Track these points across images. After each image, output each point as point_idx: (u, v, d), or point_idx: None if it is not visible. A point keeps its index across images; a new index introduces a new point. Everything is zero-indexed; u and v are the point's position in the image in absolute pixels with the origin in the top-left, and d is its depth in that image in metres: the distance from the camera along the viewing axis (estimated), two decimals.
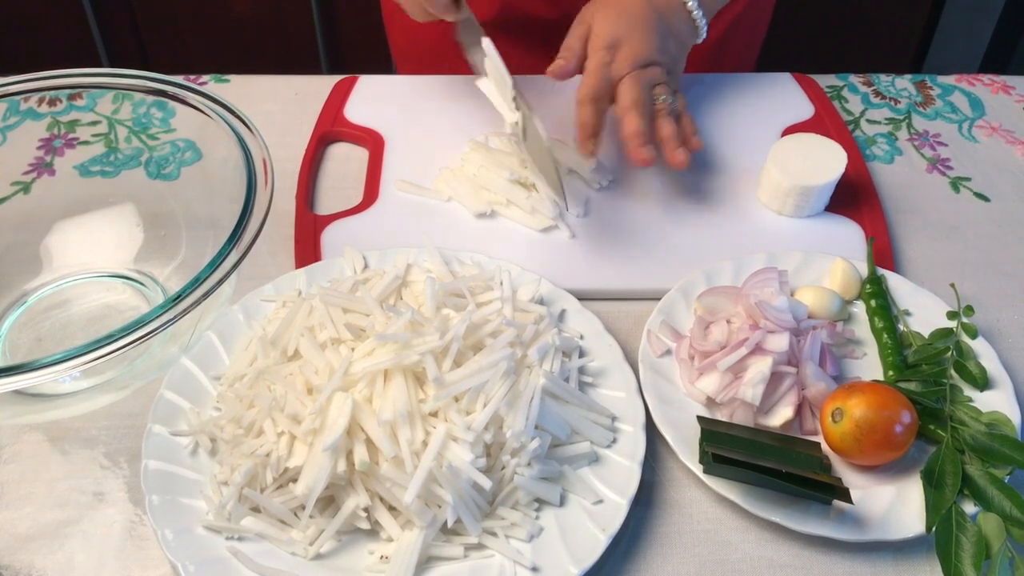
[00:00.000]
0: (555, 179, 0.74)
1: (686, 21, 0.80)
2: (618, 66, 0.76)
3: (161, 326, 0.53)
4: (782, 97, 0.91)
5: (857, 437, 0.58)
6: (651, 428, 0.61)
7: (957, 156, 0.87)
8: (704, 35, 0.82)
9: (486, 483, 0.55)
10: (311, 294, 0.66)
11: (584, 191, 0.79)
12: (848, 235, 0.76)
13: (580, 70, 0.79)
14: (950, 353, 0.65)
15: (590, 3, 0.81)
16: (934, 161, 0.86)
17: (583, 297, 0.69)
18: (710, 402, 0.63)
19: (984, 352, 0.65)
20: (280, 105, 0.89)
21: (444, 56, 1.02)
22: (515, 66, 0.98)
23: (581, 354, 0.65)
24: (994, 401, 0.63)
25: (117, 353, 0.52)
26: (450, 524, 0.55)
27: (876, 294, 0.69)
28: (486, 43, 0.77)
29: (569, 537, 0.56)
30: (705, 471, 0.58)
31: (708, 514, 0.60)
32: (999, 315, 0.72)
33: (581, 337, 0.66)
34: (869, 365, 0.67)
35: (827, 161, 0.77)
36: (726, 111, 0.88)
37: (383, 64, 1.86)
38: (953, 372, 0.64)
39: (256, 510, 0.56)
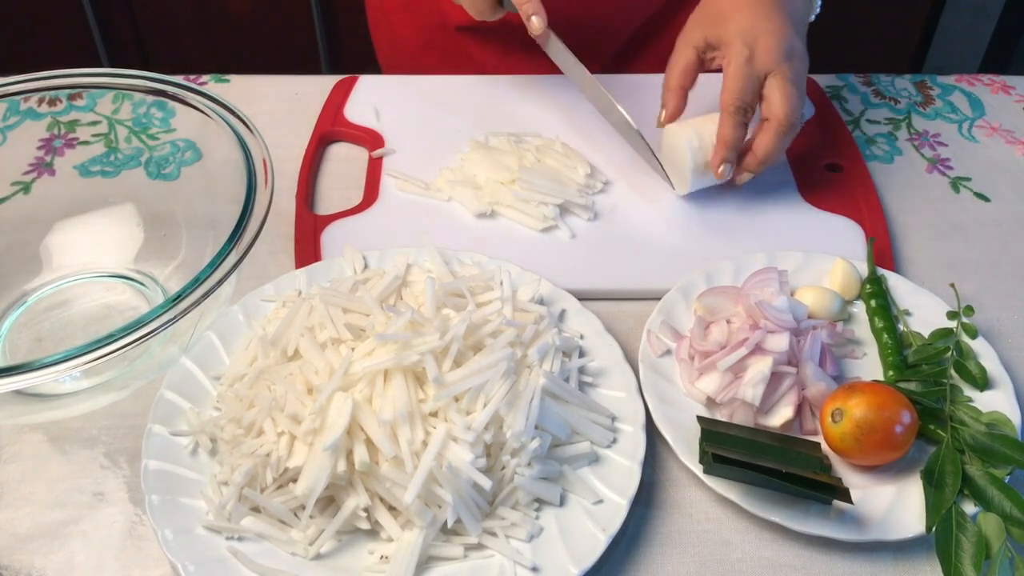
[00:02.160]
0: (654, 160, 0.74)
1: None
2: (763, 61, 0.72)
3: (161, 326, 0.53)
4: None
5: (857, 437, 0.58)
6: (651, 428, 0.61)
7: (957, 156, 0.87)
8: (818, 9, 0.78)
9: (486, 483, 0.55)
10: (311, 294, 0.66)
11: (585, 195, 0.79)
12: (848, 235, 0.76)
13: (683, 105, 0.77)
14: (950, 353, 0.65)
15: (691, 22, 0.78)
16: (934, 161, 0.86)
17: (583, 297, 0.69)
18: (710, 402, 0.63)
19: (984, 352, 0.65)
20: (280, 105, 0.89)
21: (428, 64, 1.03)
22: (491, 68, 0.99)
23: (581, 354, 0.65)
24: (994, 401, 0.63)
25: (117, 353, 0.52)
26: (450, 524, 0.55)
27: (876, 294, 0.69)
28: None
29: (569, 537, 0.56)
30: (705, 471, 0.58)
31: (708, 514, 0.60)
32: (999, 315, 0.72)
33: (581, 337, 0.66)
34: (869, 365, 0.67)
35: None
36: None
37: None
38: (953, 372, 0.64)
39: (256, 510, 0.56)
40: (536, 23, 0.77)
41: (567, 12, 0.93)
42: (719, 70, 0.76)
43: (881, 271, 0.71)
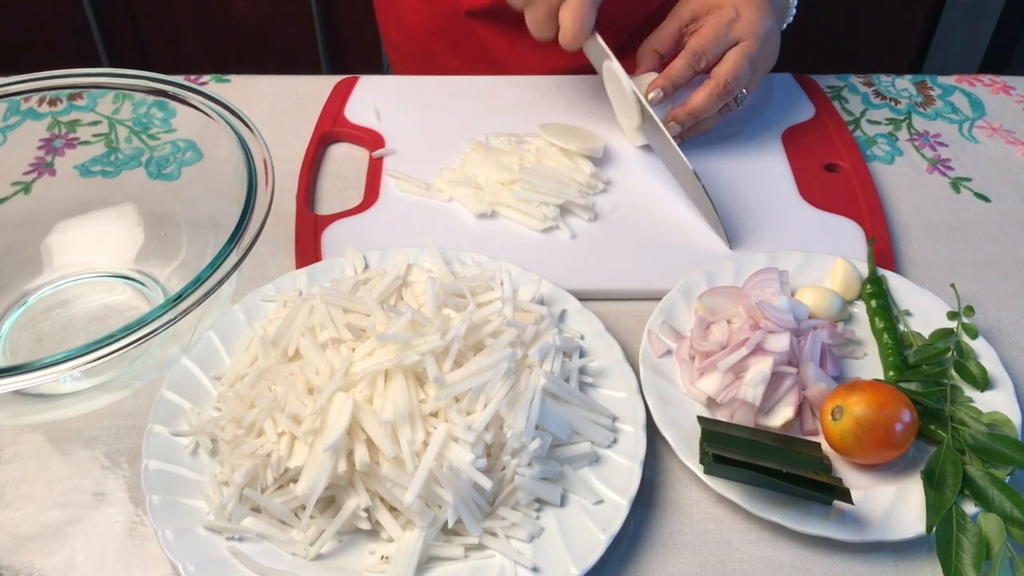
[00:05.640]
0: (711, 211, 0.74)
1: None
2: (741, 28, 0.77)
3: (162, 326, 0.53)
4: (782, 97, 0.91)
5: (857, 435, 0.58)
6: (652, 428, 0.61)
7: (957, 156, 0.87)
8: (791, 17, 0.83)
9: (486, 483, 0.55)
10: (312, 294, 0.66)
11: (585, 195, 0.79)
12: (849, 235, 0.76)
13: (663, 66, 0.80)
14: (950, 353, 0.65)
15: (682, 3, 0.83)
16: (934, 161, 0.86)
17: (584, 297, 0.69)
18: (711, 402, 0.63)
19: (984, 352, 0.65)
20: (281, 105, 0.89)
21: (437, 52, 1.03)
22: (501, 57, 0.99)
23: (582, 354, 0.65)
24: (994, 401, 0.63)
25: (118, 353, 0.52)
26: (451, 524, 0.55)
27: (877, 294, 0.69)
28: (610, 65, 0.79)
29: (570, 537, 0.56)
30: (706, 471, 0.58)
31: (709, 514, 0.60)
32: (999, 315, 0.72)
33: (582, 337, 0.66)
34: (870, 365, 0.67)
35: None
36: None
37: (383, 64, 1.86)
38: (953, 372, 0.64)
39: (256, 510, 0.56)
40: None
41: None
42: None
43: (881, 271, 0.71)
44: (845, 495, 0.55)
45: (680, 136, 0.82)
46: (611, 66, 0.78)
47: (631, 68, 0.87)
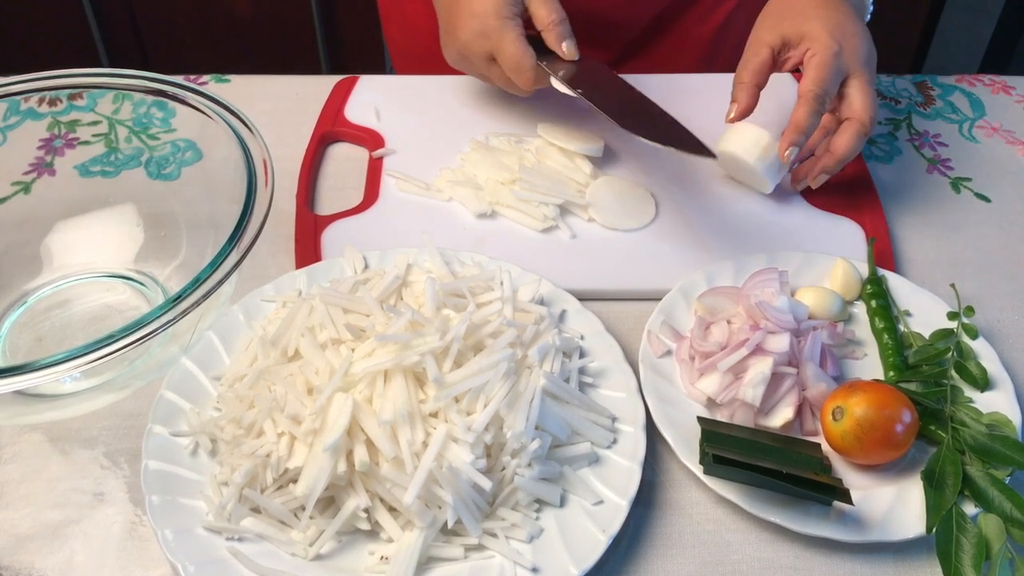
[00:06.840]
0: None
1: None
2: (849, 60, 0.73)
3: (161, 326, 0.53)
4: (783, 97, 0.91)
5: (858, 435, 0.58)
6: (651, 429, 0.61)
7: (957, 156, 0.87)
8: (869, 14, 0.79)
9: (486, 484, 0.55)
10: (311, 294, 0.66)
11: (585, 195, 0.79)
12: (849, 235, 0.76)
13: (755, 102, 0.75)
14: (951, 354, 0.65)
15: (764, 22, 0.77)
16: (935, 161, 0.86)
17: (583, 297, 0.69)
18: (710, 403, 0.63)
19: (985, 353, 0.65)
20: (280, 105, 0.89)
21: (441, 53, 1.03)
22: None
23: (581, 354, 0.65)
24: (995, 402, 0.63)
25: (117, 353, 0.52)
26: (450, 525, 0.55)
27: (877, 294, 0.69)
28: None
29: (569, 538, 0.56)
30: (705, 472, 0.58)
31: (708, 515, 0.60)
32: (1000, 315, 0.72)
33: (581, 337, 0.66)
34: (870, 366, 0.67)
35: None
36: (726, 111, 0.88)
37: (383, 64, 1.86)
38: (954, 373, 0.64)
39: (256, 511, 0.56)
40: (568, 48, 0.76)
41: (577, 4, 0.93)
42: (793, 70, 0.77)
43: (881, 271, 0.71)
44: (845, 496, 0.55)
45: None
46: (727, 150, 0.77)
47: (632, 70, 0.86)
